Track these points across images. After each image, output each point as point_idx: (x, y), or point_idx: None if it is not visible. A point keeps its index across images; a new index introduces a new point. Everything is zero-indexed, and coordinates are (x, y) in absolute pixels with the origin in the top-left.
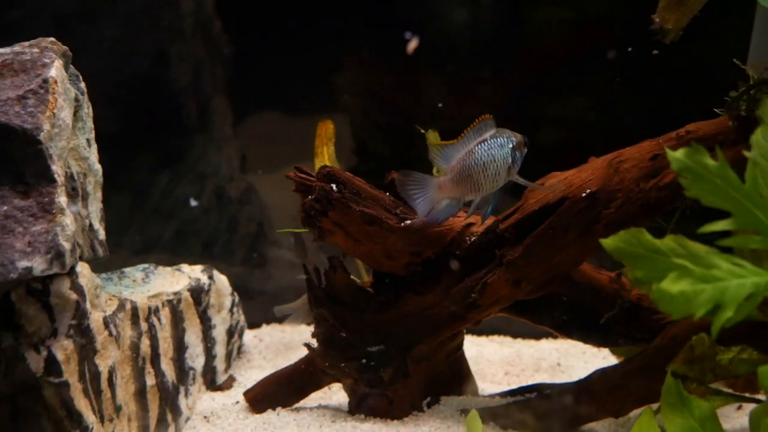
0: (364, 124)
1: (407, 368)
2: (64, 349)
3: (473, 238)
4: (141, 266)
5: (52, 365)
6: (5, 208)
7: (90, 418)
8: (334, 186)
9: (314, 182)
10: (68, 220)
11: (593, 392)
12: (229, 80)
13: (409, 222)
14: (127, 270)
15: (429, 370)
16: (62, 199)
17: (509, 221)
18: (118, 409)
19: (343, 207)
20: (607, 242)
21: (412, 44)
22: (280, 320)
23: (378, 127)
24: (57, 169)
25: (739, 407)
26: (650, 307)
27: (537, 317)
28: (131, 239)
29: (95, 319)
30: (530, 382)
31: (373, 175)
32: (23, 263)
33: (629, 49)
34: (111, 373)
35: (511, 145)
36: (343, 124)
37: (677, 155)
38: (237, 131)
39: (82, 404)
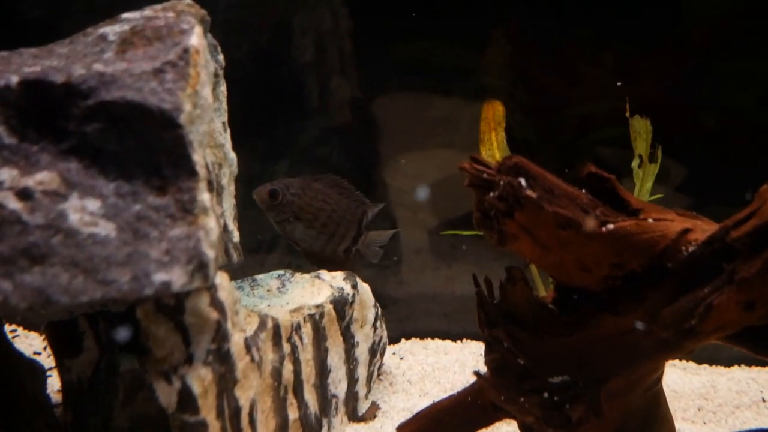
0: (509, 106)
1: (600, 406)
2: (201, 379)
3: (692, 248)
4: (275, 273)
5: (188, 400)
6: (138, 207)
7: None
8: (522, 181)
9: (497, 176)
10: (212, 223)
11: None
12: (356, 56)
13: (612, 226)
14: (259, 278)
15: (624, 408)
16: (205, 197)
17: (742, 229)
18: None
19: (533, 207)
20: None
21: None
22: (422, 334)
23: (524, 111)
24: (198, 160)
25: None
26: None
27: (761, 346)
28: (244, 236)
29: (236, 342)
30: (731, 422)
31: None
32: (160, 276)
33: None
34: (252, 407)
35: None
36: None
37: None
38: (363, 115)
39: None
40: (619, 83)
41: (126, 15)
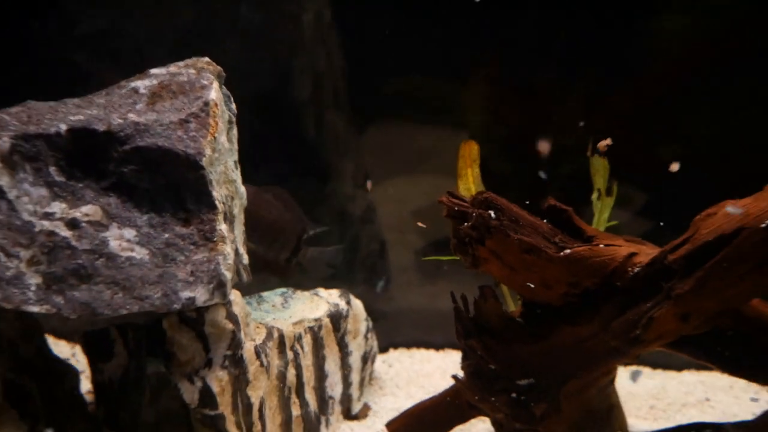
0: (487, 141)
1: (560, 404)
2: (219, 380)
3: (637, 269)
4: (279, 290)
5: (208, 397)
6: (167, 235)
7: None
8: (492, 213)
9: (470, 208)
10: (229, 248)
11: None
12: (348, 92)
13: (569, 251)
14: (265, 294)
15: (581, 406)
16: (223, 227)
17: (679, 252)
18: None
19: (501, 235)
20: None
21: None
22: (408, 344)
23: (500, 146)
24: (217, 195)
25: None
26: None
27: (698, 352)
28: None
29: (247, 349)
30: (678, 419)
31: (495, 192)
32: (186, 293)
33: None
34: (261, 404)
35: None
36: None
37: None
38: (354, 145)
39: None
40: (581, 123)
41: (154, 71)
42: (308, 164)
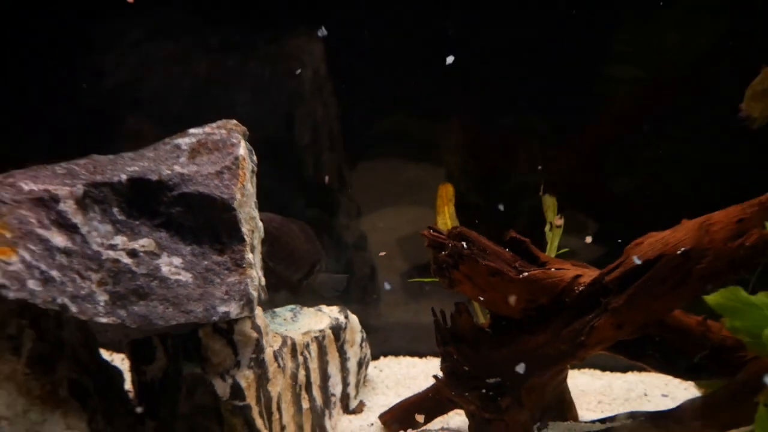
0: (461, 177)
1: (521, 398)
2: (246, 378)
3: (581, 288)
4: (289, 307)
5: (237, 391)
6: (206, 262)
7: None
8: (464, 244)
9: (446, 240)
10: (254, 273)
11: (685, 419)
12: (342, 134)
13: (527, 274)
14: (278, 310)
15: (539, 400)
16: (249, 256)
17: (614, 274)
18: (283, 429)
19: (471, 262)
20: (710, 298)
21: None
22: (396, 352)
23: (474, 181)
24: (245, 231)
25: None
26: (733, 347)
27: (632, 354)
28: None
29: (267, 353)
30: (621, 410)
31: (470, 221)
32: (222, 308)
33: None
34: (279, 398)
35: None
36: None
37: None
38: (347, 180)
39: (259, 423)
40: (539, 167)
41: (192, 130)
42: (309, 199)
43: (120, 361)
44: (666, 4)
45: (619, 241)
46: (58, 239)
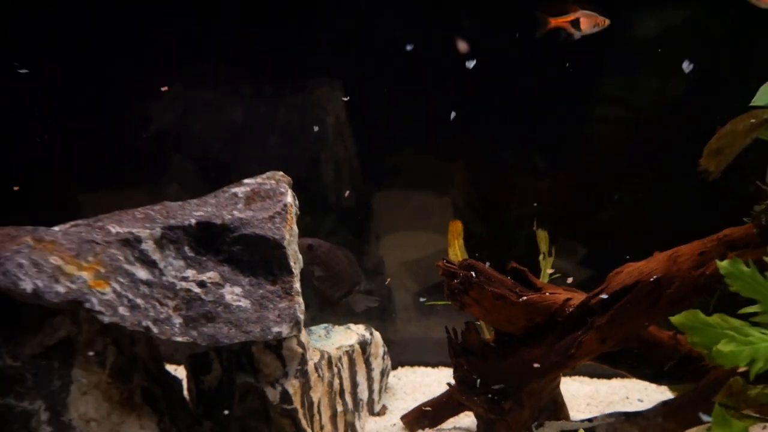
0: (466, 210)
1: (522, 401)
2: (293, 386)
3: (571, 309)
4: (322, 325)
5: (286, 397)
6: (261, 291)
7: None
8: (473, 273)
9: (458, 270)
10: (301, 299)
11: (655, 417)
12: (360, 169)
13: (525, 298)
14: (312, 328)
15: (537, 402)
16: (297, 285)
17: (598, 298)
18: (321, 428)
19: (479, 288)
20: (674, 319)
21: None
22: (411, 363)
23: (479, 213)
24: (293, 265)
25: (765, 427)
26: (697, 357)
27: (615, 363)
28: None
29: (310, 365)
30: (607, 410)
31: (474, 249)
32: (276, 329)
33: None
34: (319, 402)
35: None
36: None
37: (725, 264)
38: (366, 209)
39: (303, 423)
40: (535, 204)
41: (246, 181)
42: (333, 230)
43: (173, 370)
44: (645, 59)
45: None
46: (141, 273)
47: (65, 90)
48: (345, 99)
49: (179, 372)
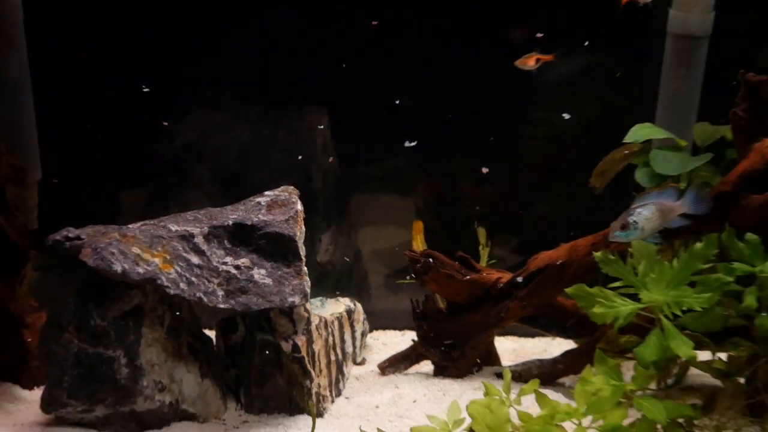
0: (426, 212)
1: (466, 352)
2: (301, 340)
3: (501, 285)
4: (318, 298)
5: (296, 348)
6: (280, 272)
7: (313, 374)
8: (431, 259)
9: (419, 257)
10: (307, 278)
11: (564, 362)
12: (341, 178)
13: (469, 277)
14: (311, 300)
15: (477, 353)
16: (304, 268)
17: (520, 276)
18: (320, 371)
19: (435, 270)
20: (569, 290)
21: None
22: (384, 327)
23: (434, 213)
24: (301, 253)
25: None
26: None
27: (534, 324)
28: None
29: (313, 326)
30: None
31: (432, 241)
32: (290, 299)
33: None
34: (319, 352)
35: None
36: (412, 210)
37: (599, 254)
38: (347, 215)
39: (309, 367)
40: (477, 207)
41: (267, 192)
42: (321, 226)
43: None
44: (566, 91)
45: (530, 252)
46: (194, 259)
47: (119, 114)
48: (321, 127)
49: (209, 333)
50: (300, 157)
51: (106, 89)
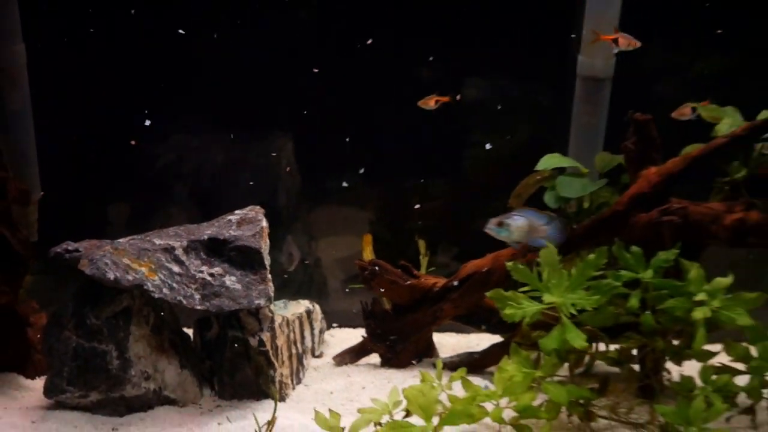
0: (378, 224)
1: (408, 346)
2: (266, 336)
3: (437, 289)
4: (282, 300)
5: (261, 343)
6: (248, 279)
7: (276, 365)
8: (377, 267)
9: (368, 266)
10: (271, 284)
11: (490, 353)
12: (301, 195)
13: (409, 282)
14: (275, 302)
15: (417, 347)
16: (269, 276)
17: (452, 281)
18: (282, 363)
19: (380, 277)
20: (489, 294)
21: None
22: (340, 325)
23: (384, 226)
24: (266, 263)
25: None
26: None
27: (467, 322)
28: None
29: (276, 323)
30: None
31: (381, 251)
32: (257, 301)
33: None
34: (281, 347)
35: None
36: (366, 223)
37: (510, 264)
38: (308, 227)
39: (273, 359)
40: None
41: (237, 211)
42: (284, 236)
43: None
44: (499, 119)
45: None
46: (175, 268)
47: (107, 139)
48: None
49: (188, 331)
50: (271, 172)
51: (97, 120)
